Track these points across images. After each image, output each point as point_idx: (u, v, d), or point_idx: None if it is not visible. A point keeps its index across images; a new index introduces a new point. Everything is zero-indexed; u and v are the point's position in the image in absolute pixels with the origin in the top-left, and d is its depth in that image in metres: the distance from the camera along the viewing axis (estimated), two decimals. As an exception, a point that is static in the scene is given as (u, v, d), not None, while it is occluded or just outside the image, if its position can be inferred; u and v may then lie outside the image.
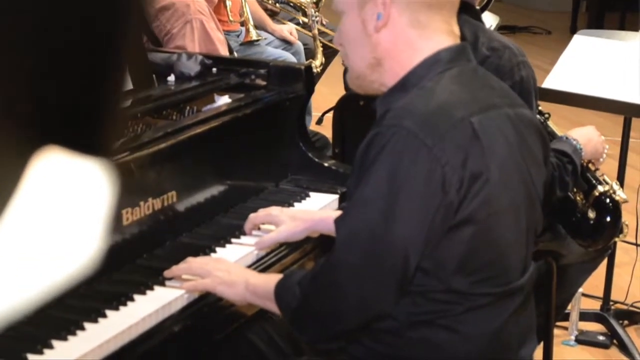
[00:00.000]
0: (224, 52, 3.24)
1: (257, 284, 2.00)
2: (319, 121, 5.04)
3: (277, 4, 5.15)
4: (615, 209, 2.88)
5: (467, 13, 2.58)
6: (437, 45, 1.88)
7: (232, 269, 2.09)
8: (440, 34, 1.89)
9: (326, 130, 3.68)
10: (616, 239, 2.99)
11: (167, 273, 2.10)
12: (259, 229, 2.38)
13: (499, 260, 1.85)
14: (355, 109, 2.99)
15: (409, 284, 1.79)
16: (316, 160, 2.76)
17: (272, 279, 1.97)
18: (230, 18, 4.28)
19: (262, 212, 2.35)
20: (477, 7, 2.75)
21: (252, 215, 2.36)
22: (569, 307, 3.49)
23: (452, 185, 1.73)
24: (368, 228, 1.78)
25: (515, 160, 1.87)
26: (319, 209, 2.58)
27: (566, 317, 3.60)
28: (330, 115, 3.22)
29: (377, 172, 1.76)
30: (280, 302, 1.92)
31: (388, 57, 1.90)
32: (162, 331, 1.97)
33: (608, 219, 2.87)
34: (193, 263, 2.11)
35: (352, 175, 1.87)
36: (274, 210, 2.34)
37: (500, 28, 5.95)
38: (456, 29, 1.93)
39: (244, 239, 2.34)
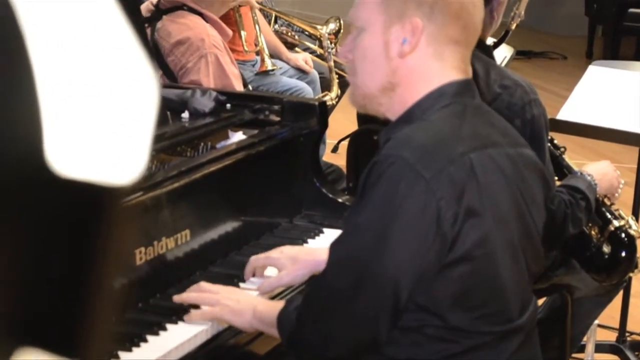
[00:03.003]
0: (238, 86, 3.24)
1: (264, 311, 2.00)
2: (335, 149, 5.03)
3: (292, 32, 5.15)
4: (630, 243, 2.87)
5: (478, 48, 2.57)
6: (448, 80, 1.87)
7: (242, 297, 2.09)
8: (454, 70, 1.88)
9: (342, 159, 3.67)
10: (631, 274, 2.98)
11: (176, 299, 2.12)
12: (254, 275, 2.32)
13: (496, 298, 1.83)
14: (369, 144, 2.98)
15: (401, 315, 1.78)
16: (330, 195, 2.76)
17: (277, 306, 1.96)
18: (246, 48, 4.28)
19: (262, 256, 2.29)
20: (491, 43, 2.74)
21: (252, 259, 2.30)
22: (585, 338, 3.47)
23: (447, 220, 1.72)
24: (359, 255, 1.77)
25: (512, 196, 1.86)
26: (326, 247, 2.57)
27: (582, 349, 3.56)
28: (345, 143, 3.22)
29: (372, 201, 1.75)
30: (280, 327, 1.91)
31: (403, 84, 1.88)
32: (175, 372, 1.97)
33: (623, 254, 2.86)
34: (203, 293, 2.12)
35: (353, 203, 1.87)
36: (274, 253, 2.28)
37: (516, 54, 5.93)
38: (469, 69, 1.93)
39: (256, 278, 2.34)
